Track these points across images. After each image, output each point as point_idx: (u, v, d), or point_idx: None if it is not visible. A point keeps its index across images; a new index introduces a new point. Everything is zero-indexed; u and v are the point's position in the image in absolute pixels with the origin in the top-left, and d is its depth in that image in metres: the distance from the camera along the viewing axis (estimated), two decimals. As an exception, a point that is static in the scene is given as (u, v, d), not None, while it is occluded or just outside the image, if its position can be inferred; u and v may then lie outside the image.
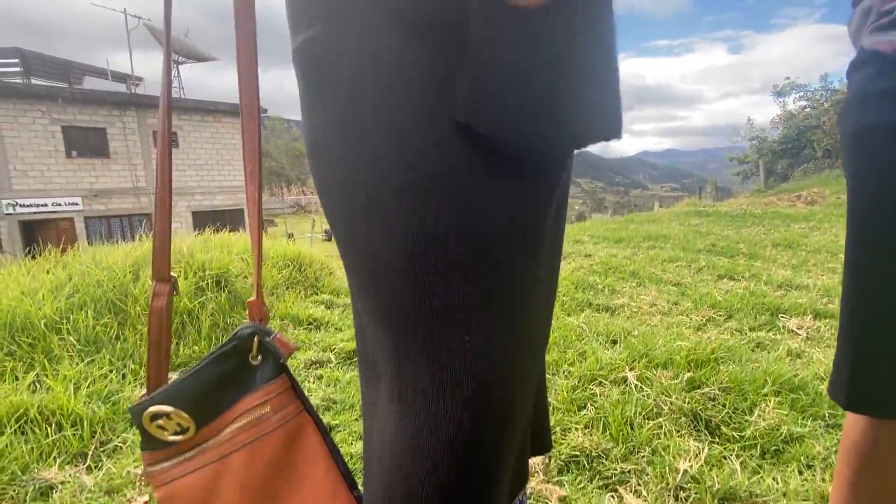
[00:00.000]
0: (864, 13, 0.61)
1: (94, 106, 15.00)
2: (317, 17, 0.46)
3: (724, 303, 2.41)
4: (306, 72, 0.47)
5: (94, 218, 15.45)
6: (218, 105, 17.93)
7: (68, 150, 14.74)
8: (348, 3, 0.44)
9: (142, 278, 1.91)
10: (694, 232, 5.26)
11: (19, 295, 1.67)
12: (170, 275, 0.57)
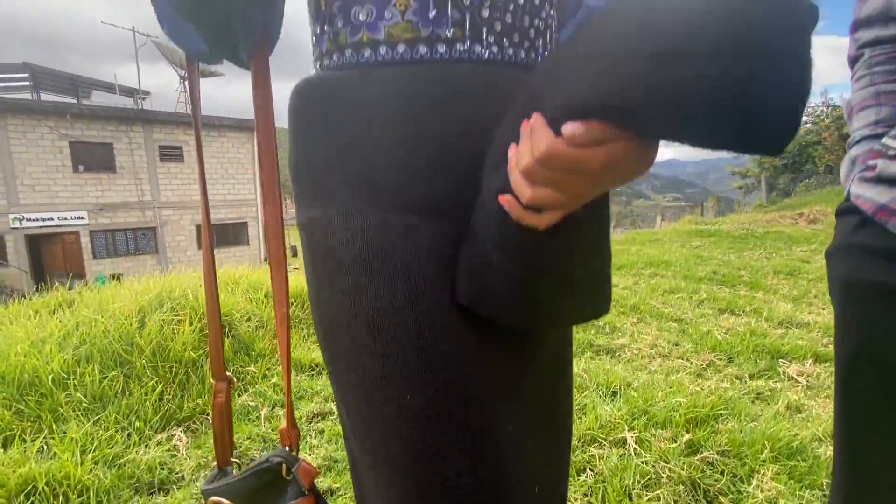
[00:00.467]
0: (852, 161, 0.64)
1: (101, 121, 15.21)
2: (320, 201, 0.49)
3: (725, 344, 2.42)
4: (314, 249, 0.51)
5: (99, 232, 15.57)
6: (223, 120, 18.14)
7: (75, 165, 14.92)
8: (350, 190, 0.47)
9: (147, 325, 1.94)
10: (695, 257, 5.27)
11: (27, 347, 1.70)
12: (225, 375, 0.67)
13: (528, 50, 0.50)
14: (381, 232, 0.46)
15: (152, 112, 17.02)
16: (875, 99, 0.65)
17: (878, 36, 0.65)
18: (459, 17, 0.45)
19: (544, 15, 0.50)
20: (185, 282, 2.53)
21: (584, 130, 0.31)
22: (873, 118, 0.65)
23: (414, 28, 0.45)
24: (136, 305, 2.07)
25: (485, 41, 0.46)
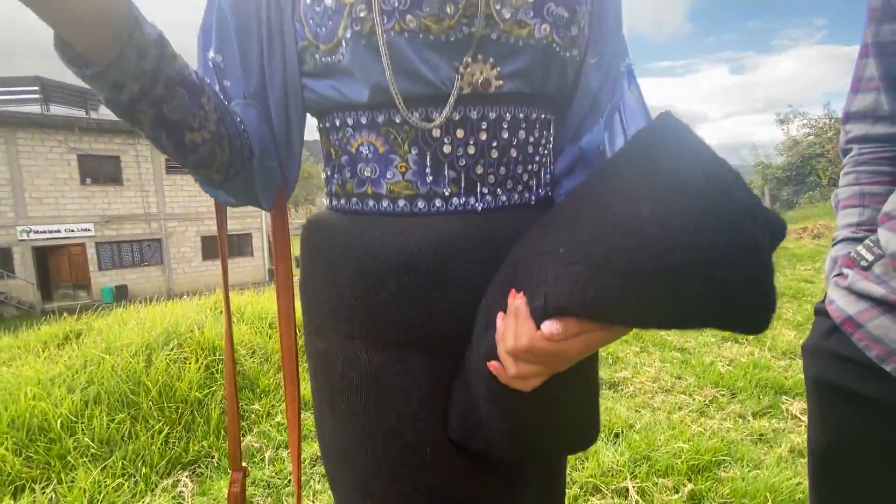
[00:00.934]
0: (833, 261, 0.67)
1: (109, 134, 15.43)
2: (324, 333, 0.53)
3: (728, 378, 2.42)
4: (318, 378, 0.54)
5: (105, 243, 15.71)
6: (229, 132, 18.35)
7: (83, 178, 15.11)
8: (352, 325, 0.50)
9: (154, 363, 1.96)
10: (698, 276, 5.26)
11: (37, 388, 1.73)
12: (241, 465, 0.70)
13: (523, 191, 0.52)
14: (380, 365, 0.49)
15: (159, 125, 17.27)
16: (859, 199, 0.67)
17: (866, 133, 0.67)
18: (455, 177, 0.48)
19: (538, 158, 0.53)
20: (191, 313, 2.57)
21: (561, 329, 0.35)
22: (856, 219, 0.67)
23: (413, 186, 0.48)
24: (143, 341, 2.10)
25: (479, 194, 0.49)
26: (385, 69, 0.44)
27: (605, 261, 0.33)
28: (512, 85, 0.48)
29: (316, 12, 0.45)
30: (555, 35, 0.47)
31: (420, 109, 0.46)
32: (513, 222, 0.50)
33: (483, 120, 0.48)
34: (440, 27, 0.44)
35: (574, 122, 0.57)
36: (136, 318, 2.88)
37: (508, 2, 0.45)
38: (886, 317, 0.53)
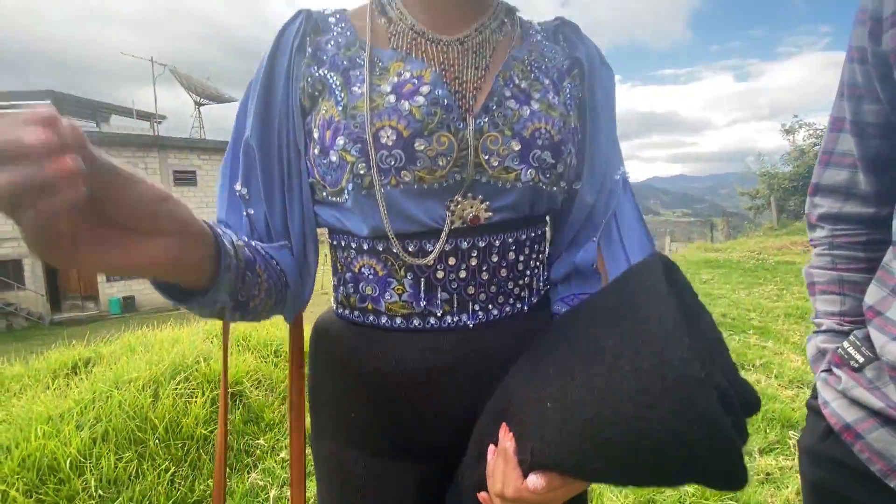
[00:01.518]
0: (821, 352, 0.66)
1: (119, 147, 15.66)
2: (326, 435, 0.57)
3: (734, 409, 2.40)
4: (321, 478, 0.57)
5: (113, 255, 15.89)
6: (236, 144, 18.60)
7: (92, 190, 15.33)
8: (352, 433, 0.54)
9: (161, 398, 1.99)
10: (705, 295, 5.24)
11: (46, 426, 1.76)
12: None
13: (515, 303, 0.54)
14: (377, 473, 0.53)
15: (168, 138, 17.52)
16: (838, 287, 0.66)
17: (839, 212, 0.66)
18: (448, 298, 0.51)
19: (529, 272, 0.55)
20: (198, 341, 2.59)
21: (545, 483, 0.39)
22: (837, 308, 0.66)
23: (409, 306, 0.51)
24: (151, 375, 2.12)
25: (471, 312, 0.52)
26: (382, 217, 0.47)
27: (588, 431, 0.36)
28: (501, 216, 0.50)
29: (323, 163, 0.49)
30: (541, 176, 0.49)
31: (415, 242, 0.49)
32: (504, 336, 0.53)
33: (473, 248, 0.50)
34: (433, 177, 0.47)
35: (569, 233, 0.59)
36: (143, 343, 2.91)
37: (496, 151, 0.48)
38: (886, 429, 0.53)
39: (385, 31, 0.53)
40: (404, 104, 0.46)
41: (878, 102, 0.59)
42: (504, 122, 0.48)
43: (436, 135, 0.46)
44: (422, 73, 0.48)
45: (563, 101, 0.53)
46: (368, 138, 0.45)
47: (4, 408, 2.16)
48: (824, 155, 0.68)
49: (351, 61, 0.50)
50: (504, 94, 0.49)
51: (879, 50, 0.56)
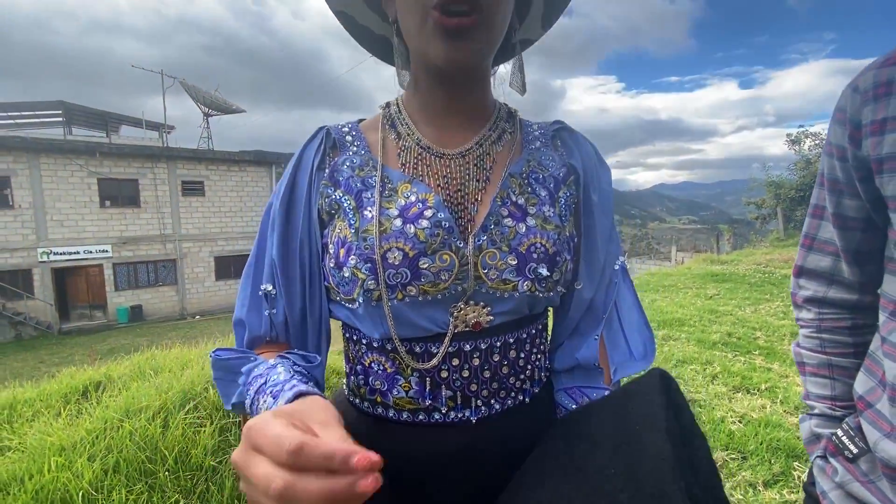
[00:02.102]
0: (815, 436, 0.68)
1: (128, 158, 15.90)
2: None
3: (739, 438, 2.40)
4: None
5: (122, 264, 16.05)
6: (244, 155, 18.78)
7: (102, 200, 15.55)
8: None
9: (170, 427, 2.02)
10: (710, 312, 5.22)
11: (59, 458, 1.79)
12: None
13: (516, 396, 0.57)
14: None
15: (176, 149, 17.74)
16: (829, 370, 0.68)
17: (824, 296, 0.69)
18: (451, 395, 0.54)
19: (530, 366, 0.58)
20: (208, 367, 2.62)
21: None
22: (829, 392, 0.68)
23: (415, 402, 0.54)
24: (160, 403, 2.16)
25: (473, 407, 0.55)
26: (390, 326, 0.51)
27: None
28: (501, 319, 0.54)
29: (337, 275, 0.53)
30: (537, 286, 0.53)
31: (421, 344, 0.53)
32: (507, 429, 0.56)
33: (476, 350, 0.54)
34: (436, 289, 0.51)
35: (570, 324, 0.62)
36: (152, 367, 2.95)
37: (494, 266, 0.51)
38: None
39: (394, 145, 0.58)
40: (410, 227, 0.50)
41: (859, 199, 0.62)
42: (501, 239, 0.52)
43: (438, 253, 0.50)
44: (426, 197, 0.52)
45: (559, 213, 0.56)
46: (378, 259, 0.49)
47: (18, 434, 2.20)
48: (806, 239, 0.71)
49: (364, 182, 0.54)
50: (501, 213, 0.53)
51: (860, 154, 0.59)
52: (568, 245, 0.56)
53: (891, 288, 0.61)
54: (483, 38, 0.51)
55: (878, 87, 0.57)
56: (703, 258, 11.04)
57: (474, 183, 0.55)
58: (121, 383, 2.71)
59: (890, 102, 0.55)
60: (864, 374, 0.64)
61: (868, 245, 0.64)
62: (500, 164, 0.57)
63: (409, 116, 0.59)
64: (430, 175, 0.55)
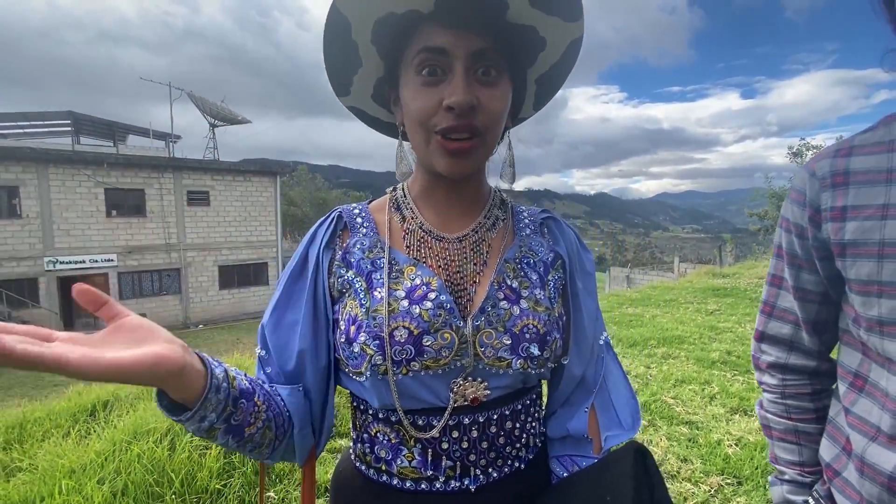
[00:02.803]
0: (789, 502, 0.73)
1: (135, 168, 16.11)
2: None
3: (735, 462, 2.43)
4: None
5: (126, 273, 16.19)
6: (249, 165, 19.01)
7: (109, 210, 15.73)
8: None
9: (177, 450, 2.07)
10: (710, 328, 5.25)
11: (69, 481, 1.85)
12: None
13: (513, 463, 0.63)
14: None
15: (182, 160, 17.97)
16: (795, 437, 0.73)
17: (785, 363, 0.73)
18: (451, 465, 0.59)
19: (525, 435, 0.64)
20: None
21: None
22: (797, 458, 0.73)
23: (418, 471, 0.60)
24: (167, 425, 2.21)
25: (472, 476, 0.60)
26: (395, 399, 0.56)
27: None
28: (498, 394, 0.59)
29: (346, 349, 0.58)
30: (529, 364, 0.58)
31: (423, 417, 0.58)
32: (504, 495, 0.61)
33: (474, 423, 0.59)
34: (437, 365, 0.56)
35: (561, 396, 0.68)
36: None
37: (490, 345, 0.57)
38: None
39: (400, 227, 0.64)
40: (415, 308, 0.56)
41: (818, 274, 0.67)
42: (497, 320, 0.58)
43: (440, 332, 0.56)
44: (430, 281, 0.58)
45: (549, 295, 0.62)
46: (385, 336, 0.55)
47: (28, 454, 2.26)
48: (767, 306, 0.75)
49: (373, 264, 0.60)
50: (498, 296, 0.59)
51: (821, 235, 0.64)
52: (557, 324, 0.62)
53: (847, 359, 0.67)
54: (480, 155, 0.58)
55: (836, 176, 0.62)
56: (704, 271, 11.05)
57: (472, 266, 0.62)
58: (128, 402, 2.77)
59: (849, 192, 0.60)
60: (827, 440, 0.68)
61: (825, 316, 0.69)
62: (495, 249, 0.64)
63: (413, 201, 0.66)
64: (431, 256, 0.61)
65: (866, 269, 0.58)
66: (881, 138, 0.61)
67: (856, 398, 0.64)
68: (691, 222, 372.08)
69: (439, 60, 0.54)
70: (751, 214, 18.80)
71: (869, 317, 0.59)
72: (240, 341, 14.59)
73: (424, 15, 0.55)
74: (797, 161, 16.47)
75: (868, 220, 0.58)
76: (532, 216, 0.70)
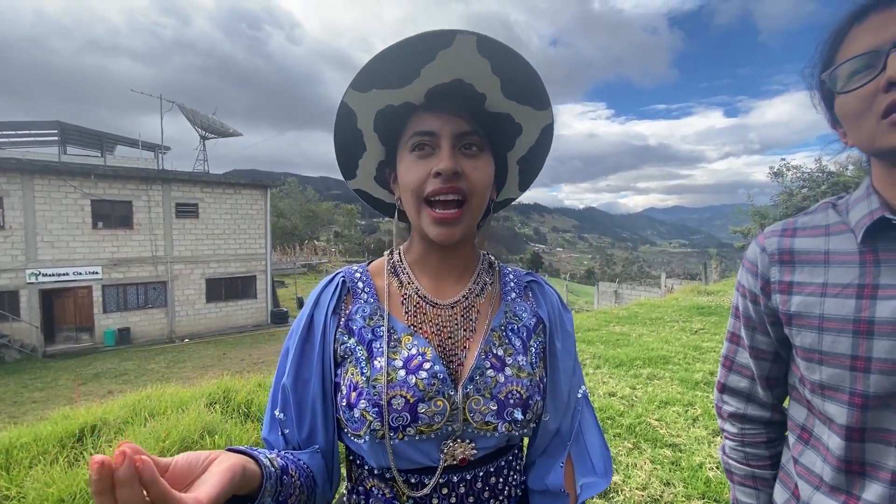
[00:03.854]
0: None
1: (123, 180, 15.96)
2: None
3: (715, 487, 2.50)
4: None
5: (111, 286, 15.92)
6: (239, 177, 18.96)
7: (95, 222, 15.53)
8: None
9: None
10: (694, 349, 5.36)
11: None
12: None
13: None
14: None
15: (171, 171, 17.87)
16: (753, 482, 0.80)
17: (744, 413, 0.81)
18: None
19: (508, 487, 0.70)
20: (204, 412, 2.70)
21: None
22: (754, 502, 0.80)
23: None
24: (158, 451, 2.22)
25: None
26: (390, 461, 0.63)
27: None
28: (484, 453, 0.66)
29: (347, 413, 0.64)
30: (513, 427, 0.65)
31: (415, 476, 0.64)
32: None
33: (462, 481, 0.65)
34: (430, 430, 0.63)
35: (539, 447, 0.75)
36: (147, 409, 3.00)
37: (478, 410, 0.64)
38: None
39: (398, 292, 0.71)
40: (411, 378, 0.63)
41: (769, 336, 0.75)
42: (484, 388, 0.65)
43: (433, 400, 0.62)
44: (425, 351, 0.65)
45: (530, 361, 0.69)
46: (384, 404, 0.61)
47: (15, 482, 2.24)
48: (727, 361, 0.83)
49: (374, 332, 0.67)
50: (485, 365, 0.66)
51: (770, 304, 0.73)
52: (538, 387, 0.69)
53: (795, 413, 0.75)
54: (467, 222, 0.66)
55: (783, 254, 0.71)
56: (690, 288, 11.28)
57: (462, 332, 0.68)
58: (116, 427, 2.76)
59: (795, 269, 0.69)
60: (779, 485, 0.76)
61: (777, 372, 0.77)
62: (482, 315, 0.71)
63: (409, 267, 0.73)
64: (426, 322, 0.68)
65: (809, 339, 0.66)
66: (819, 222, 0.70)
67: (803, 449, 0.72)
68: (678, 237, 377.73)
69: (429, 140, 0.64)
70: (734, 231, 19.21)
71: (812, 380, 0.67)
72: (226, 356, 14.37)
73: (417, 106, 0.66)
74: (778, 180, 16.95)
75: (810, 296, 0.66)
76: (517, 278, 0.77)
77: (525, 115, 0.70)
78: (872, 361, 0.59)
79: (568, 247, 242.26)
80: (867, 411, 0.60)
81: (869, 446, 0.60)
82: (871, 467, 0.61)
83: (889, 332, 0.58)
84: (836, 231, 0.67)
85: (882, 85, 0.55)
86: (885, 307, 0.59)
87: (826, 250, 0.67)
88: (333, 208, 52.06)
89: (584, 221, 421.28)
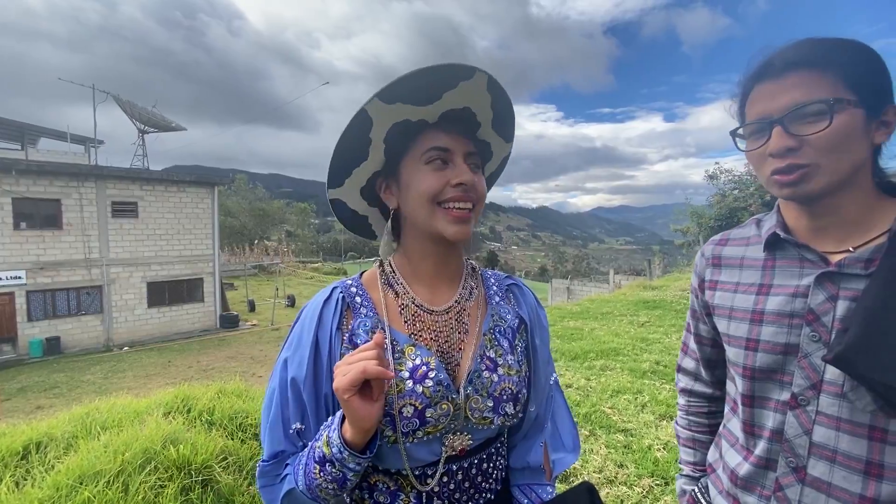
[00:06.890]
0: (683, 492, 0.95)
1: (50, 177, 14.64)
2: None
3: (663, 465, 2.74)
4: None
5: (37, 292, 14.58)
6: (184, 175, 17.92)
7: (16, 222, 14.15)
8: None
9: (131, 491, 2.01)
10: (641, 341, 5.75)
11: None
12: None
13: (485, 493, 0.77)
14: None
15: (107, 167, 16.58)
16: (692, 443, 0.97)
17: (692, 388, 0.97)
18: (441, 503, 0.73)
19: (495, 471, 0.79)
20: (162, 422, 2.60)
21: None
22: (692, 459, 0.96)
23: None
24: (118, 464, 2.14)
25: None
26: (404, 462, 0.70)
27: None
28: (478, 443, 0.75)
29: None
30: (506, 419, 0.74)
31: (420, 468, 0.72)
32: None
33: (460, 469, 0.74)
34: (436, 430, 0.70)
35: (521, 432, 0.84)
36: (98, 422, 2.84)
37: (477, 409, 0.72)
38: None
39: (395, 304, 0.77)
40: (418, 387, 0.69)
41: (707, 325, 0.90)
42: (482, 388, 0.73)
43: (439, 404, 0.69)
44: (428, 360, 0.71)
45: (517, 359, 0.78)
46: (395, 413, 0.68)
47: (-48, 508, 2.08)
48: (683, 345, 0.99)
49: None
50: (481, 367, 0.74)
51: (704, 298, 0.88)
52: (525, 382, 0.78)
53: (730, 388, 0.90)
54: (473, 223, 0.76)
55: (714, 259, 0.87)
56: (636, 284, 12.00)
57: (457, 335, 0.76)
58: (65, 442, 2.60)
59: (721, 271, 0.85)
60: (713, 448, 0.91)
61: (716, 356, 0.92)
62: (473, 318, 0.78)
63: (403, 278, 0.79)
64: (425, 329, 0.75)
65: (722, 325, 0.82)
66: (745, 234, 0.86)
67: (731, 417, 0.87)
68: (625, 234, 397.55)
69: (444, 155, 0.73)
70: (675, 229, 20.53)
71: (727, 359, 0.82)
72: (172, 363, 13.57)
73: (430, 124, 0.74)
74: (713, 182, 18.32)
75: (727, 292, 0.82)
76: (499, 282, 0.86)
77: (498, 145, 0.83)
78: (760, 343, 0.73)
79: (522, 245, 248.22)
80: (755, 382, 0.74)
81: (756, 411, 0.75)
82: (758, 428, 0.75)
83: (773, 320, 0.73)
84: (754, 242, 0.82)
85: (766, 153, 0.70)
86: (773, 301, 0.73)
87: (743, 256, 0.83)
88: (285, 206, 50.33)
89: (538, 220, 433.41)
